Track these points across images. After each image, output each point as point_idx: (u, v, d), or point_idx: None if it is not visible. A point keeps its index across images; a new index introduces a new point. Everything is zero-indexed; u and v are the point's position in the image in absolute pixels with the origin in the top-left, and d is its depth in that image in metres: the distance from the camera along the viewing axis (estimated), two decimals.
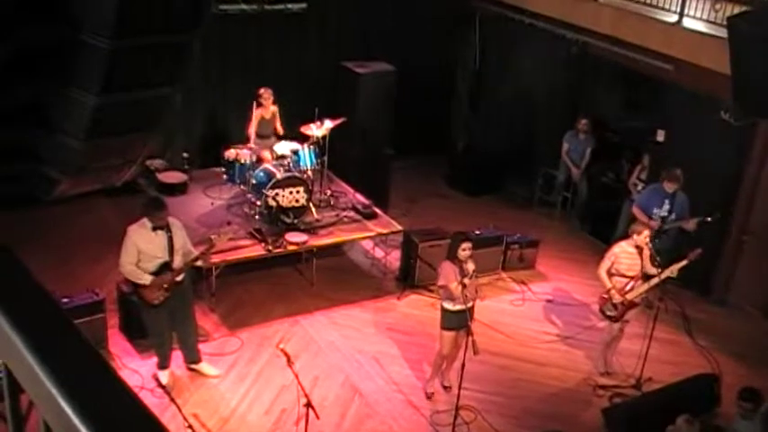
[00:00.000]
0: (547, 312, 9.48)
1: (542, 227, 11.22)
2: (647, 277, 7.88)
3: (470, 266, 7.26)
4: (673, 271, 7.73)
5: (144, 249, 7.02)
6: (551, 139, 11.66)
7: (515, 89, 12.26)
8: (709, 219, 8.67)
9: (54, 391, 0.99)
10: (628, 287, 7.87)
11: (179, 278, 7.21)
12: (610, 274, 7.91)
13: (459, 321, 7.37)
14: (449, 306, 7.35)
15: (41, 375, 1.02)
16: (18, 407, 1.21)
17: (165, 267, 7.11)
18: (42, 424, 1.06)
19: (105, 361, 1.08)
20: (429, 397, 7.79)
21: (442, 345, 7.60)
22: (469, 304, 7.26)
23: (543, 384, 8.20)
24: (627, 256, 7.86)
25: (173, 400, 6.42)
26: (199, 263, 7.53)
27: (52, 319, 1.15)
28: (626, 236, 8.05)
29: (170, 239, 7.09)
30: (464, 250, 7.26)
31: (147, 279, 7.06)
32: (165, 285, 7.12)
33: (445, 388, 7.89)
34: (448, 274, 7.25)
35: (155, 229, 7.02)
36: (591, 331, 8.97)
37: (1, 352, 1.13)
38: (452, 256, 7.30)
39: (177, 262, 7.15)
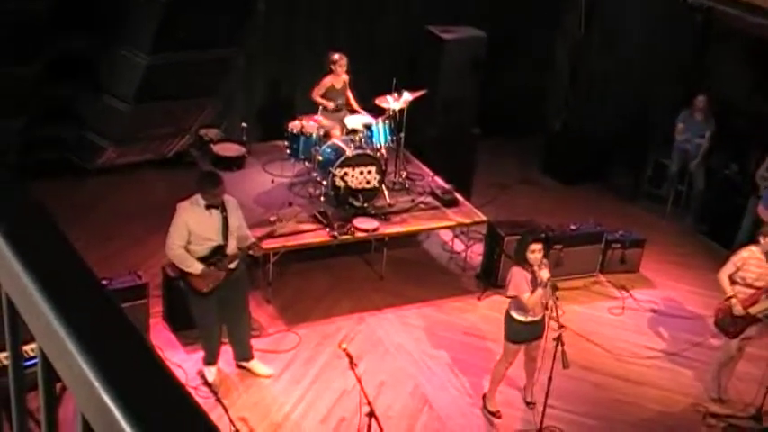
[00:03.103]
0: (651, 324, 9.30)
1: (650, 224, 11.00)
2: None
3: (545, 274, 7.10)
4: None
5: (195, 230, 7.09)
6: (665, 123, 11.40)
7: (624, 62, 12.03)
8: None
9: (97, 384, 0.98)
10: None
11: (232, 265, 7.28)
12: (732, 282, 7.71)
13: (529, 334, 7.32)
14: (519, 317, 7.28)
15: (83, 365, 1.01)
16: (53, 398, 1.21)
17: (218, 251, 7.18)
18: (80, 417, 1.05)
19: (155, 351, 1.07)
20: (495, 415, 7.69)
21: (503, 357, 7.55)
22: (539, 317, 7.23)
23: (643, 408, 8.05)
24: (757, 263, 7.64)
25: (219, 400, 6.51)
26: (251, 251, 7.56)
27: (96, 299, 1.14)
28: (753, 240, 7.83)
29: (225, 220, 7.15)
30: (533, 252, 7.08)
31: (196, 267, 7.12)
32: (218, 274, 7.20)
33: (528, 404, 7.81)
34: (519, 283, 7.14)
35: (208, 207, 7.09)
36: (702, 348, 8.76)
37: (37, 335, 1.13)
38: (521, 261, 7.18)
39: (231, 246, 7.21)
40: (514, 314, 7.30)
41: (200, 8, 8.95)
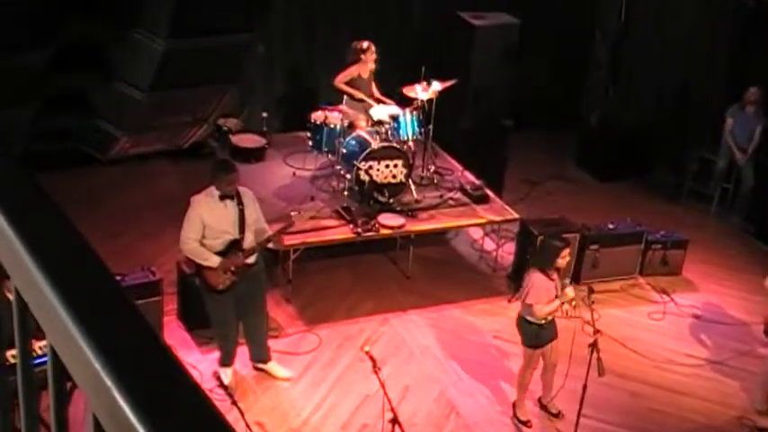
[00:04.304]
0: (693, 330, 9.24)
1: (693, 224, 10.92)
2: None
3: (570, 293, 7.15)
4: None
5: (210, 223, 7.13)
6: (711, 116, 11.32)
7: (668, 51, 11.94)
8: None
9: (110, 383, 0.98)
10: None
11: (250, 260, 7.31)
12: None
13: (547, 335, 7.33)
14: (535, 320, 7.28)
15: (96, 364, 1.01)
16: (64, 398, 1.22)
17: (234, 246, 7.21)
18: (91, 419, 1.05)
19: (171, 351, 1.07)
20: (526, 424, 7.67)
21: (526, 364, 7.54)
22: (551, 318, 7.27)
23: (683, 419, 8.00)
24: None
25: (235, 403, 6.52)
26: (270, 244, 7.59)
27: (110, 295, 1.15)
28: None
29: (241, 213, 7.19)
30: (564, 258, 7.20)
31: (213, 260, 7.17)
32: (233, 268, 7.23)
33: (555, 415, 7.76)
34: (539, 292, 7.15)
35: (223, 198, 7.12)
36: (749, 358, 8.69)
37: (48, 332, 1.13)
38: (547, 267, 7.18)
39: (248, 240, 7.25)
40: (530, 318, 7.30)
41: None
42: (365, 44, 9.80)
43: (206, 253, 7.16)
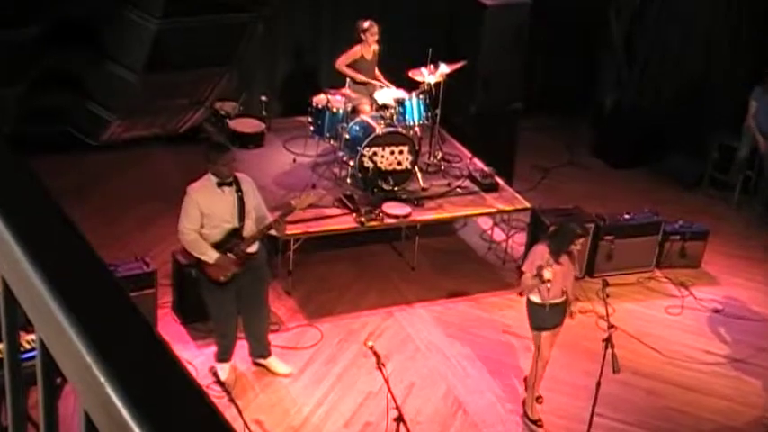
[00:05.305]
0: (713, 325, 9.24)
1: (714, 214, 10.92)
2: None
3: (547, 274, 7.12)
4: None
5: (208, 212, 7.12)
6: (733, 100, 11.29)
7: (687, 32, 11.91)
8: None
9: (103, 379, 0.98)
10: None
11: (251, 249, 7.31)
12: None
13: (554, 318, 7.31)
14: (536, 299, 7.30)
15: (88, 358, 1.01)
16: (53, 394, 1.22)
17: (234, 235, 7.21)
18: (83, 415, 1.05)
19: (167, 345, 1.07)
20: (537, 423, 7.64)
21: (537, 353, 7.51)
22: (560, 300, 7.27)
23: (701, 419, 8.01)
24: None
25: (232, 400, 6.54)
26: (272, 231, 7.59)
27: (103, 286, 1.14)
28: None
29: (240, 200, 7.18)
30: (576, 246, 7.30)
31: (210, 256, 7.15)
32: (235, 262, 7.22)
33: (535, 399, 7.77)
34: (533, 263, 7.18)
35: (220, 185, 7.11)
36: None
37: (37, 324, 1.13)
38: (557, 249, 7.20)
39: (248, 228, 7.24)
40: (531, 296, 7.33)
41: None
42: (366, 23, 9.77)
43: (204, 246, 7.13)
